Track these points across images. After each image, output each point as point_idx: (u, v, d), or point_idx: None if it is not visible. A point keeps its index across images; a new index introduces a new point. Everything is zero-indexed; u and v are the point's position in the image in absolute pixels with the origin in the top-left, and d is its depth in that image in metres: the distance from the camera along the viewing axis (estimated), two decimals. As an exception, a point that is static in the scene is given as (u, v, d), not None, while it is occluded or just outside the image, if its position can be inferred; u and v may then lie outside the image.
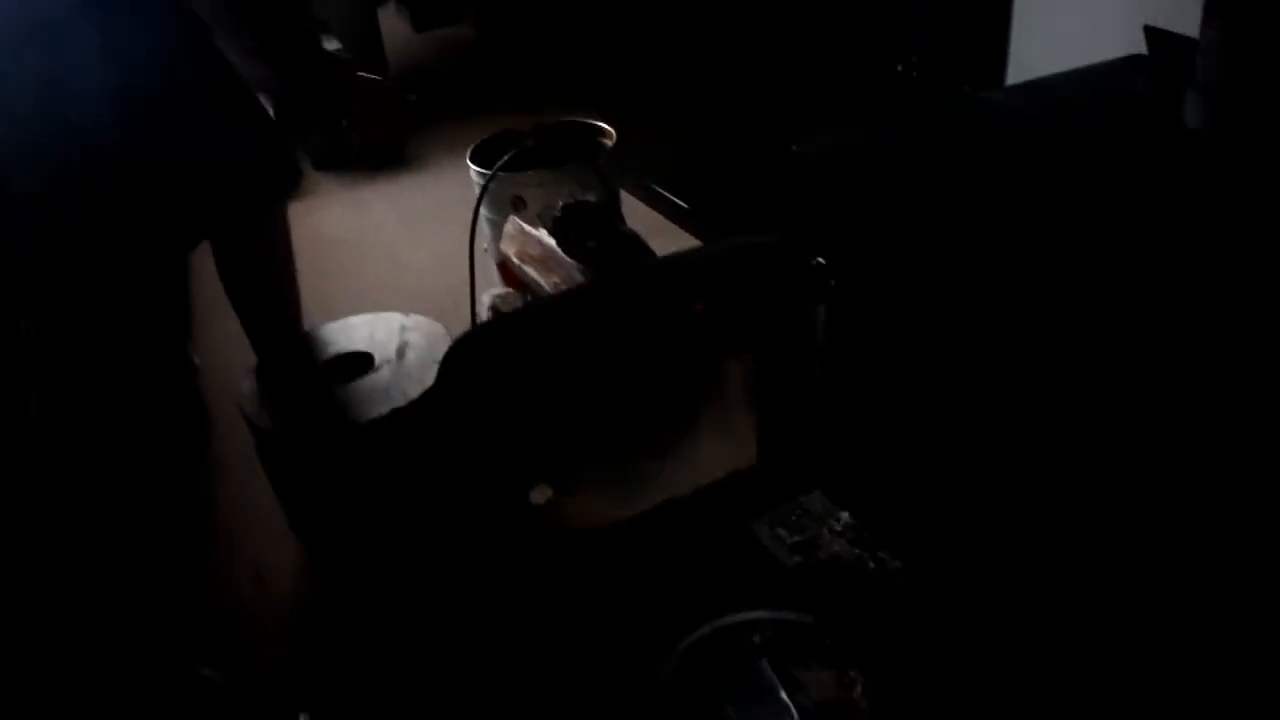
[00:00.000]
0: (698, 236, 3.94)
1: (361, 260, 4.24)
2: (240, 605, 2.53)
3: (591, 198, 2.56)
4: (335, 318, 3.06)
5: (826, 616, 1.88)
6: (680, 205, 4.06)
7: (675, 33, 3.87)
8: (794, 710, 1.76)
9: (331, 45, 4.79)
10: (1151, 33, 2.23)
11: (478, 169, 3.20)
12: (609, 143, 3.32)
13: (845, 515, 1.99)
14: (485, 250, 3.55)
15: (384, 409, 2.22)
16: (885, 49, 3.03)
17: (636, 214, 4.14)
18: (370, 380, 2.33)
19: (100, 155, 2.12)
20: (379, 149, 5.15)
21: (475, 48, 6.85)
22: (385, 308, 3.76)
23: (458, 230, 4.38)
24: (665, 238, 3.75)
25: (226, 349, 3.63)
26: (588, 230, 2.43)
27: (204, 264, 2.89)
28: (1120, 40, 2.39)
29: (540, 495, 1.88)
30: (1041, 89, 2.16)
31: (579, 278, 2.38)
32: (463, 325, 2.72)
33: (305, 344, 2.56)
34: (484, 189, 2.49)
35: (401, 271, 4.14)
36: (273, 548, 2.70)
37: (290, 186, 2.78)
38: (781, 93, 3.39)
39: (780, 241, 1.87)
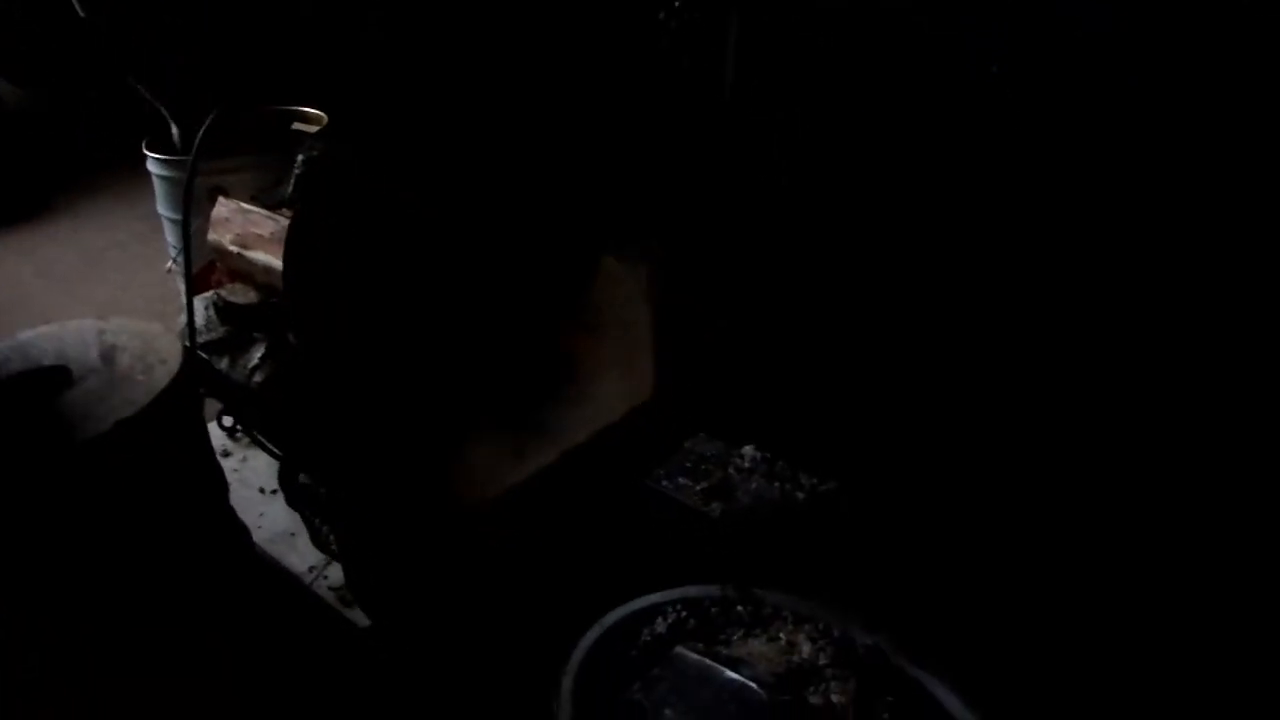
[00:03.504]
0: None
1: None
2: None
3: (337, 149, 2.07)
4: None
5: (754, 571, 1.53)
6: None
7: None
8: (755, 687, 1.38)
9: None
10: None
11: (160, 156, 2.61)
12: (317, 126, 2.84)
13: (749, 450, 1.66)
14: (170, 269, 2.93)
15: (104, 424, 1.62)
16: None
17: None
18: (75, 394, 1.71)
19: None
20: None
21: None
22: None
23: (115, 275, 3.71)
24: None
25: None
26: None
27: None
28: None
29: (422, 452, 1.37)
30: None
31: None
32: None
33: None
34: (194, 160, 1.94)
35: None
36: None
37: None
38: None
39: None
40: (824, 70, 1.76)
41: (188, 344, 2.01)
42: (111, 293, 3.53)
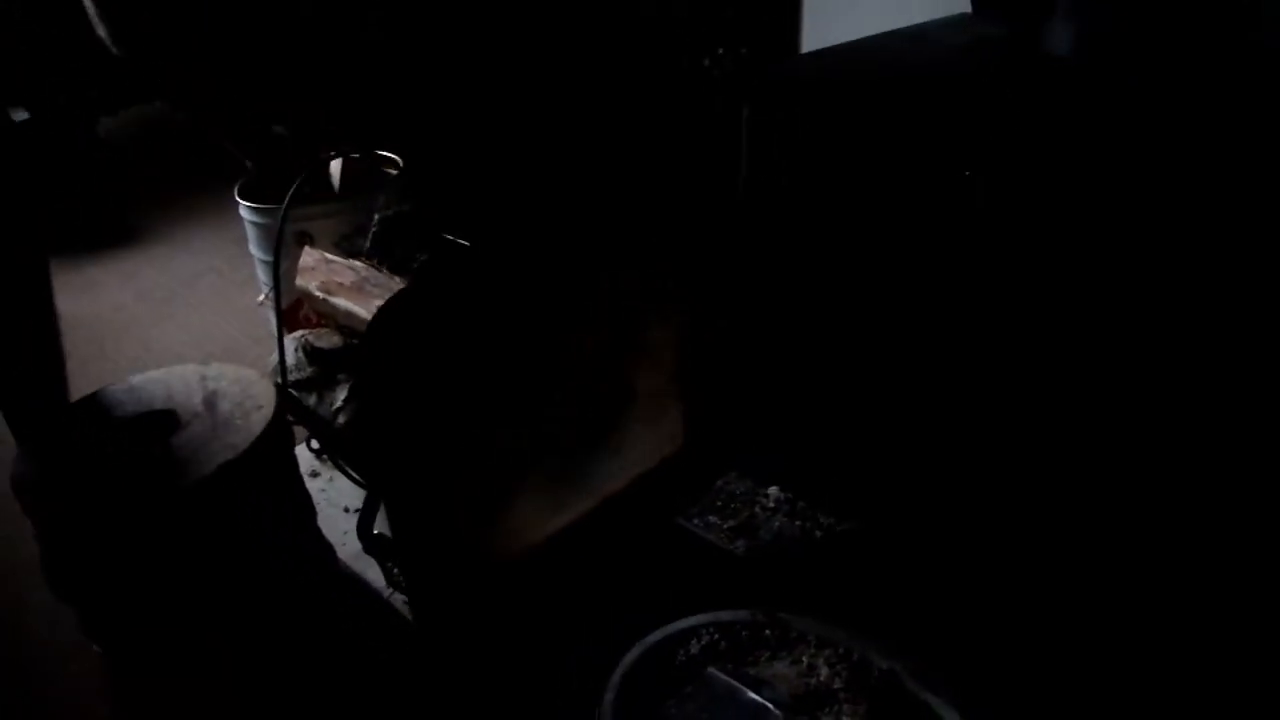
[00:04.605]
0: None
1: (102, 346, 3.72)
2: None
3: (409, 208, 2.29)
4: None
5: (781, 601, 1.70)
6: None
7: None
8: (773, 708, 1.56)
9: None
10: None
11: (252, 205, 2.85)
12: (394, 171, 3.06)
13: (774, 490, 1.84)
14: (261, 301, 3.17)
15: (208, 467, 1.85)
16: (686, 48, 2.97)
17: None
18: (183, 438, 1.95)
19: None
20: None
21: (173, 121, 6.35)
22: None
23: (209, 299, 3.99)
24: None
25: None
26: (415, 241, 2.16)
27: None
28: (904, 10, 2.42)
29: (476, 505, 1.58)
30: (912, 35, 2.12)
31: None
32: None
33: (83, 413, 2.12)
34: (284, 215, 2.17)
35: (153, 352, 3.66)
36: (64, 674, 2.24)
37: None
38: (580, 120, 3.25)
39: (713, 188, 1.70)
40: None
41: (279, 382, 2.24)
42: (207, 317, 3.79)
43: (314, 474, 2.71)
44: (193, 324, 3.81)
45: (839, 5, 2.79)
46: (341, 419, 2.09)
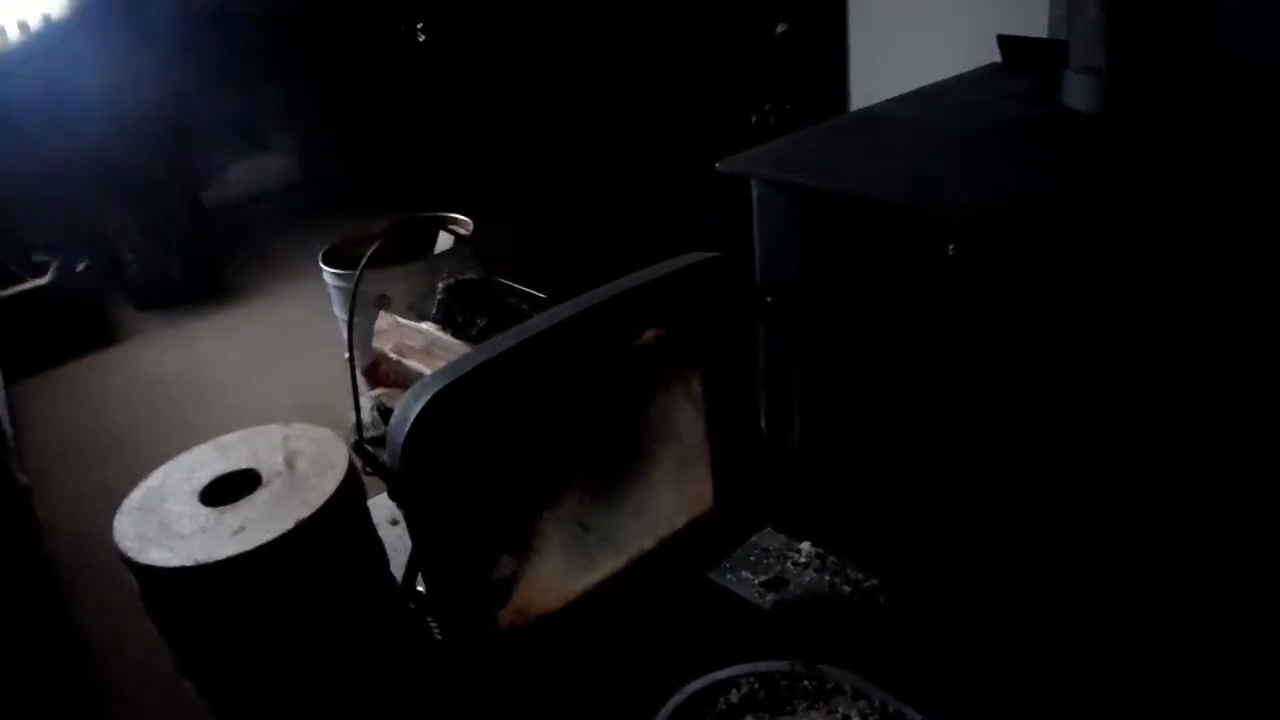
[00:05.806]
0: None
1: (202, 399, 3.96)
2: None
3: (472, 275, 2.44)
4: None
5: (808, 654, 1.78)
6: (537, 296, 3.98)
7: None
8: (803, 757, 1.64)
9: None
10: (1005, 40, 2.36)
11: (334, 270, 3.04)
12: (466, 231, 3.23)
13: (806, 545, 1.92)
14: (346, 359, 3.36)
15: (287, 523, 2.01)
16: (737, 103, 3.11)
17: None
18: (265, 494, 2.11)
19: None
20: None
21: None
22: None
23: (303, 351, 4.22)
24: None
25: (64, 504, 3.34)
26: (475, 308, 2.31)
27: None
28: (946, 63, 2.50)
29: (505, 568, 1.70)
30: (930, 95, 2.21)
31: (473, 359, 2.24)
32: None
33: (177, 472, 2.31)
34: (357, 283, 2.33)
35: (248, 404, 3.89)
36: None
37: None
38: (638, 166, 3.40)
39: (727, 257, 1.81)
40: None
41: (356, 438, 2.40)
42: (298, 371, 4.01)
43: (394, 521, 2.86)
44: (284, 375, 4.03)
45: (881, 61, 2.88)
46: (410, 476, 2.23)
